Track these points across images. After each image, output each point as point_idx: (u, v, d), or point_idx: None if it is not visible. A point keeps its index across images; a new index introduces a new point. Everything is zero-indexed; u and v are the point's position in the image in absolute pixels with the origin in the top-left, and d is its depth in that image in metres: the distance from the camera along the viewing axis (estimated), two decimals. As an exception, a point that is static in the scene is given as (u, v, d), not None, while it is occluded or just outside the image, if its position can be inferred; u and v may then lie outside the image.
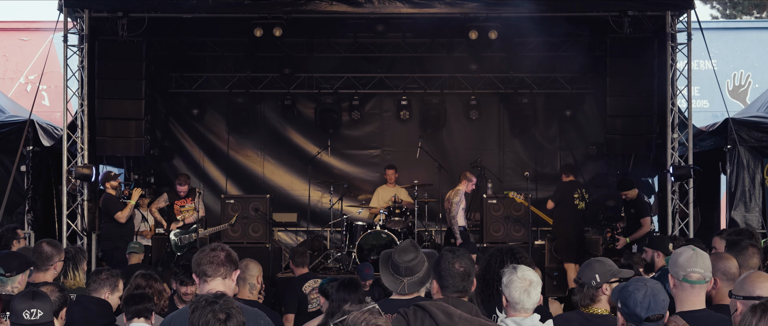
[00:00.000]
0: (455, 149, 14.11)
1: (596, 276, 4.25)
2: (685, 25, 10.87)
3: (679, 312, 4.00)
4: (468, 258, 3.95)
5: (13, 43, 17.26)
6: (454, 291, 3.87)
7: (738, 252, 4.92)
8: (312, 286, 7.97)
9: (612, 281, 4.26)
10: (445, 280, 3.90)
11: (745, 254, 4.91)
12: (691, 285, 4.02)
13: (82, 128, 10.85)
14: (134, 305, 5.00)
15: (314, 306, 7.84)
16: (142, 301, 5.03)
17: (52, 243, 5.91)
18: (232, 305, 3.41)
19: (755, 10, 24.86)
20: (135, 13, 10.79)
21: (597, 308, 4.26)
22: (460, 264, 3.89)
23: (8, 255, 5.67)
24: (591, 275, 4.27)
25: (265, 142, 14.28)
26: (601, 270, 4.26)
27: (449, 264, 3.90)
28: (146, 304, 5.01)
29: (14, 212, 10.77)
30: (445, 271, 3.90)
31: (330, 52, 13.71)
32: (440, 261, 3.95)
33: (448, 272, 3.88)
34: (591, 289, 4.26)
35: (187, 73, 13.80)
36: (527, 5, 10.60)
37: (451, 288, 3.87)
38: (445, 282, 3.89)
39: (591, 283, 4.25)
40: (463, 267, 3.89)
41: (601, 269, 4.27)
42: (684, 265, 4.04)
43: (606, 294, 4.26)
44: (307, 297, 8.01)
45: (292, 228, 13.94)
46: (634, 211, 10.90)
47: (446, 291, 3.87)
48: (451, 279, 3.88)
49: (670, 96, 10.83)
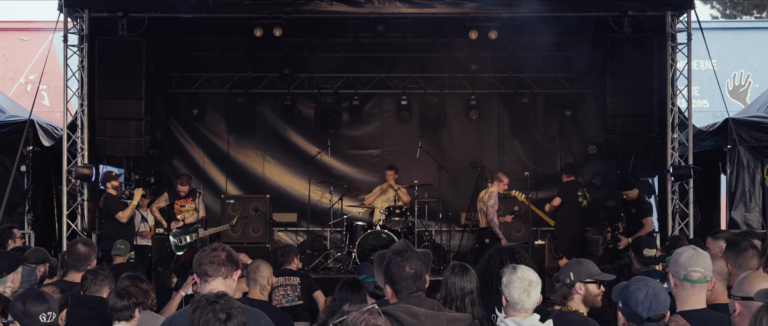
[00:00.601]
0: (455, 149, 14.11)
1: (570, 274, 4.34)
2: (685, 25, 10.88)
3: (679, 312, 4.00)
4: (417, 258, 3.88)
5: (13, 43, 17.26)
6: (408, 294, 3.83)
7: (738, 252, 4.92)
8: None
9: (586, 281, 4.34)
10: (397, 284, 3.84)
11: (745, 255, 4.91)
12: (691, 285, 4.02)
13: (82, 128, 10.86)
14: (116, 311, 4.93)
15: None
16: (125, 298, 4.95)
17: (87, 243, 5.87)
18: (232, 305, 3.41)
19: (755, 10, 24.86)
20: (135, 13, 10.79)
21: (570, 306, 4.32)
22: (409, 267, 3.83)
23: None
24: (566, 273, 4.36)
25: (265, 142, 14.28)
26: (577, 270, 4.33)
27: (399, 268, 3.83)
28: (126, 303, 4.92)
29: (14, 212, 10.78)
30: (396, 275, 3.84)
31: (330, 52, 13.71)
32: (390, 266, 3.88)
33: (399, 276, 3.82)
34: (564, 287, 4.31)
35: (187, 73, 13.80)
36: (527, 5, 10.60)
37: (405, 291, 3.83)
38: (398, 287, 3.85)
39: (565, 281, 4.30)
40: (413, 269, 3.83)
41: (577, 268, 4.36)
42: (685, 264, 4.04)
43: (579, 293, 4.34)
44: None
45: (292, 228, 13.94)
46: (635, 211, 10.89)
47: (401, 295, 3.83)
48: (404, 282, 3.83)
49: (670, 96, 10.84)
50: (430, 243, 12.35)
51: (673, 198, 10.91)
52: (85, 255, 5.69)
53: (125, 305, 4.80)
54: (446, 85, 13.88)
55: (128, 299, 4.81)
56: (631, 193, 10.88)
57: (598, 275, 4.37)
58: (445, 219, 13.56)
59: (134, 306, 4.83)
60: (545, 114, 14.08)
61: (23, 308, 4.14)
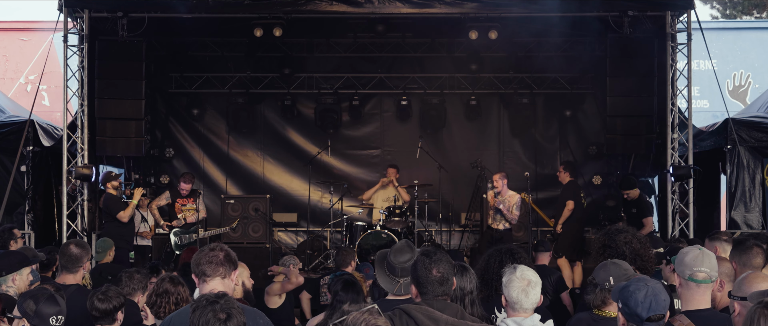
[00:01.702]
0: (455, 149, 14.11)
1: (610, 279, 4.25)
2: (685, 25, 10.88)
3: (684, 311, 4.01)
4: (445, 261, 3.87)
5: (13, 43, 17.26)
6: (433, 297, 3.83)
7: (743, 250, 4.93)
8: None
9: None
10: (423, 287, 3.84)
11: (750, 253, 4.91)
12: (696, 285, 4.02)
13: (82, 128, 10.85)
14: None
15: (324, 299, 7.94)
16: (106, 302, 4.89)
17: (80, 244, 5.82)
18: (232, 305, 3.41)
19: (755, 10, 24.86)
20: (135, 13, 10.79)
21: (609, 311, 4.26)
22: (437, 270, 3.82)
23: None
24: (605, 277, 4.27)
25: (265, 142, 14.28)
26: (616, 273, 4.26)
27: (426, 270, 3.82)
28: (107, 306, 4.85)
29: (14, 212, 10.78)
30: (422, 278, 3.83)
31: (330, 52, 13.71)
32: (417, 267, 3.87)
33: (426, 278, 3.81)
34: (603, 291, 4.25)
35: (187, 73, 13.80)
36: (527, 5, 10.60)
37: (431, 294, 3.83)
38: (423, 289, 3.84)
39: (604, 285, 4.25)
40: (440, 272, 3.82)
41: (616, 272, 4.27)
42: (690, 264, 4.04)
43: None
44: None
45: (292, 228, 13.94)
46: (635, 211, 10.89)
47: (426, 297, 3.83)
48: (430, 285, 3.81)
49: (670, 96, 10.83)
50: (430, 243, 12.35)
51: (673, 198, 10.91)
52: (78, 256, 5.65)
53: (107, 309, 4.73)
54: (446, 85, 13.88)
55: (109, 303, 4.74)
56: (632, 193, 10.88)
57: (644, 277, 4.33)
58: (445, 219, 13.56)
59: (115, 310, 4.76)
60: (545, 114, 14.08)
61: (35, 307, 4.11)
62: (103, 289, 4.77)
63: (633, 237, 5.31)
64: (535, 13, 10.83)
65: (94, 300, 4.72)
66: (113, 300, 4.74)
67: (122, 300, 4.81)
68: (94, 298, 4.73)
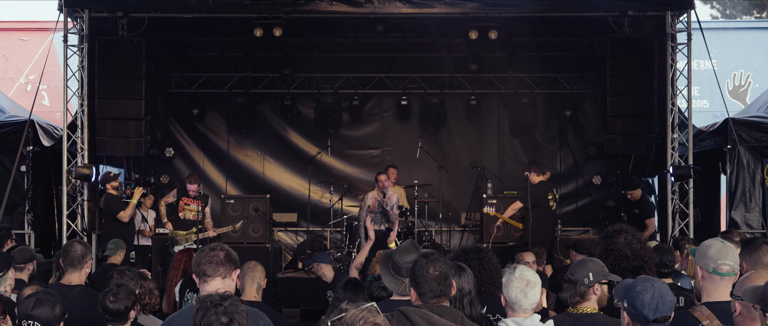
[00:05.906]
0: (455, 149, 14.10)
1: (589, 274, 4.26)
2: (685, 25, 10.87)
3: (704, 303, 4.06)
4: (443, 261, 3.88)
5: (13, 43, 17.26)
6: (432, 297, 3.81)
7: (752, 249, 4.95)
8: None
9: (603, 282, 4.29)
10: (421, 287, 3.83)
11: (759, 252, 4.92)
12: (721, 278, 4.07)
13: (82, 128, 10.85)
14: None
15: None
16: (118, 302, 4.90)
17: (83, 243, 5.84)
18: (237, 309, 3.38)
19: (755, 10, 24.85)
20: (135, 13, 10.79)
21: (586, 307, 4.26)
22: (434, 269, 3.83)
23: None
24: (584, 273, 4.27)
25: (265, 142, 14.28)
26: (595, 270, 4.28)
27: (423, 269, 3.83)
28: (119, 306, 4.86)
29: (14, 212, 10.78)
30: (420, 277, 3.82)
31: (330, 52, 13.71)
32: (415, 268, 3.88)
33: (424, 278, 3.81)
34: (582, 287, 4.25)
35: (187, 73, 13.80)
36: (527, 5, 10.60)
37: (429, 294, 3.82)
38: (421, 289, 3.83)
39: (583, 281, 4.25)
40: (437, 271, 3.82)
41: (594, 268, 4.29)
42: (714, 257, 4.08)
43: (596, 293, 4.28)
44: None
45: (292, 228, 13.93)
46: (638, 211, 10.87)
47: (425, 298, 3.82)
48: (427, 284, 3.81)
49: (670, 96, 10.83)
50: (430, 243, 12.34)
51: (673, 198, 10.91)
52: (82, 253, 5.66)
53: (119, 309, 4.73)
54: (446, 85, 13.87)
55: (121, 303, 4.73)
56: (635, 193, 10.86)
57: (609, 275, 4.34)
58: (445, 219, 13.56)
59: (127, 310, 4.77)
60: (545, 114, 14.07)
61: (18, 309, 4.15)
62: (115, 290, 4.77)
63: (633, 237, 5.32)
64: (535, 12, 10.81)
65: (106, 301, 4.72)
66: (124, 300, 4.74)
67: (134, 300, 4.82)
68: (106, 300, 4.73)
